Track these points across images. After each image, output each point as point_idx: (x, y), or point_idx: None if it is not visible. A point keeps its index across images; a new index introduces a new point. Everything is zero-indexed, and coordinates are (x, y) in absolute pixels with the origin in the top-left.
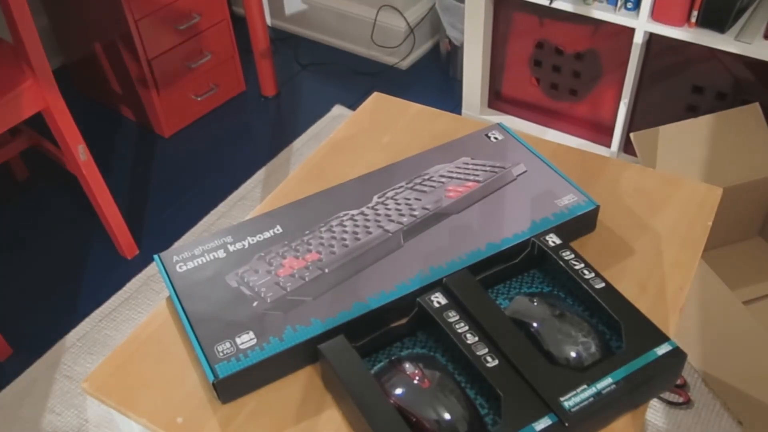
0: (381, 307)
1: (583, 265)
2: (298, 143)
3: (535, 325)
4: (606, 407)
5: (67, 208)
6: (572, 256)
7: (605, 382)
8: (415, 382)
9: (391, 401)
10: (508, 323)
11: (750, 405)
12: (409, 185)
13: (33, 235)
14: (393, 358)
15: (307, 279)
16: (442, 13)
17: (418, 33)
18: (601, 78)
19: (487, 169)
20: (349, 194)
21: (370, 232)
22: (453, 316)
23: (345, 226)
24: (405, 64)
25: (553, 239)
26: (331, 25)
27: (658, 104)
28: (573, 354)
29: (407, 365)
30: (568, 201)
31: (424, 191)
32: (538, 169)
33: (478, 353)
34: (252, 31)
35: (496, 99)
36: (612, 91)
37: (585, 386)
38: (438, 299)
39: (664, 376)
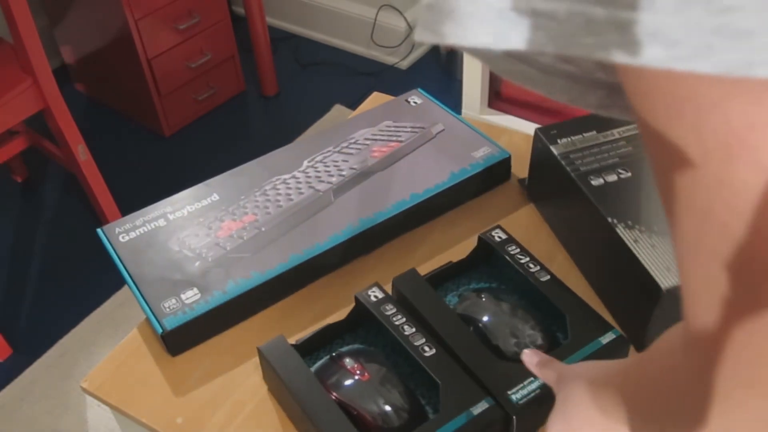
0: (316, 257)
1: (528, 258)
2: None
3: (483, 320)
4: (553, 398)
5: (67, 208)
6: (518, 250)
7: None
8: (355, 376)
9: (333, 396)
10: (457, 320)
11: None
12: (337, 149)
13: (33, 235)
14: (333, 354)
15: (245, 238)
16: None
17: None
18: None
19: (408, 129)
20: (280, 161)
21: (302, 193)
22: (390, 309)
23: (278, 189)
24: (405, 64)
25: (499, 234)
26: (331, 25)
27: None
28: (520, 348)
29: (347, 360)
30: (483, 153)
31: (351, 153)
32: (454, 127)
33: (415, 343)
34: (252, 31)
35: (496, 99)
36: None
37: (532, 379)
38: (375, 293)
39: None
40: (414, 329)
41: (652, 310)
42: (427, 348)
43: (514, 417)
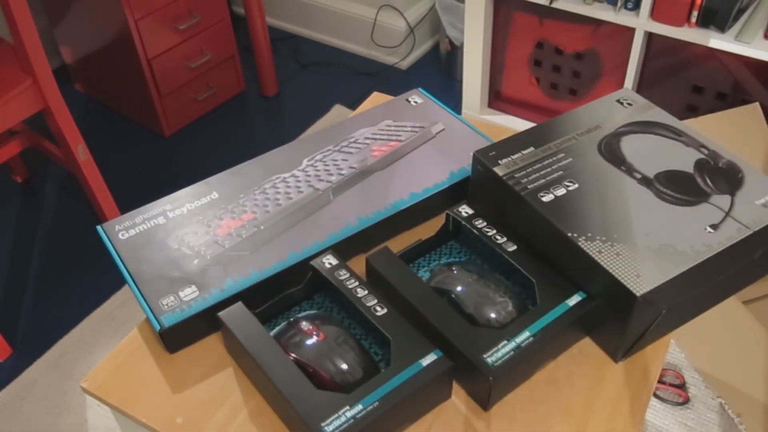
0: (315, 255)
1: (495, 231)
2: None
3: (455, 291)
4: (526, 359)
5: (67, 208)
6: (485, 223)
7: (523, 336)
8: (311, 336)
9: (291, 357)
10: (430, 292)
11: (750, 405)
12: (336, 148)
13: (33, 235)
14: (291, 319)
15: (244, 236)
16: (442, 12)
17: (418, 33)
18: (601, 78)
19: (408, 129)
20: (280, 160)
21: (301, 192)
22: (344, 275)
23: (278, 188)
24: (405, 64)
25: (465, 210)
26: (331, 25)
27: (658, 104)
28: (492, 314)
29: (303, 323)
30: None
31: (351, 152)
32: (455, 127)
33: (368, 304)
34: (252, 31)
35: (496, 99)
36: (612, 91)
37: (505, 342)
38: (329, 261)
39: (578, 325)
40: (366, 291)
41: (628, 317)
42: (378, 308)
43: (491, 378)
